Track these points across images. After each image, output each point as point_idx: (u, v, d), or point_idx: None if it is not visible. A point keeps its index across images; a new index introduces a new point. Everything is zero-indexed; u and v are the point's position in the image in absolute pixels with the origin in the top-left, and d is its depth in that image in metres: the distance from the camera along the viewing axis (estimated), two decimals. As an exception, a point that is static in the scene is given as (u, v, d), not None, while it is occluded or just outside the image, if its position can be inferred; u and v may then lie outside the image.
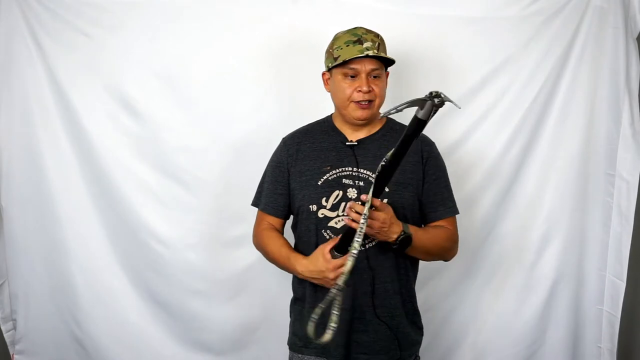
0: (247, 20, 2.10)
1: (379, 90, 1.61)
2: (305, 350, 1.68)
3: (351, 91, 1.60)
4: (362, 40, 1.58)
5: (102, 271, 2.21)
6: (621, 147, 2.09)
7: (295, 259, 1.61)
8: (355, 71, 1.59)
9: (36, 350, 2.29)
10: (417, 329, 1.72)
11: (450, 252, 1.71)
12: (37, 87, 2.13)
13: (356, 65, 1.58)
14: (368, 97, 1.59)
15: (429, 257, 1.69)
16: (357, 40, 1.58)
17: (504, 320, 2.23)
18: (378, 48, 1.59)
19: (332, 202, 1.61)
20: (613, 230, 2.13)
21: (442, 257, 1.71)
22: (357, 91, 1.59)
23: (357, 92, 1.59)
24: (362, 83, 1.58)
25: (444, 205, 1.68)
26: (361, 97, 1.59)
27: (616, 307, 2.14)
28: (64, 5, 2.09)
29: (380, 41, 1.62)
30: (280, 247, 1.68)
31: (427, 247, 1.60)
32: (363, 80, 1.58)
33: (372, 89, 1.59)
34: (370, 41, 1.59)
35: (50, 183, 2.17)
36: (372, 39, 1.60)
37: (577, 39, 2.07)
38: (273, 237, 1.72)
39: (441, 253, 1.69)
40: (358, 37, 1.59)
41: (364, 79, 1.58)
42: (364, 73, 1.58)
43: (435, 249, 1.64)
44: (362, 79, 1.59)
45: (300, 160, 1.68)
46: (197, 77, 2.12)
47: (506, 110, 2.11)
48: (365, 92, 1.58)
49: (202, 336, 2.22)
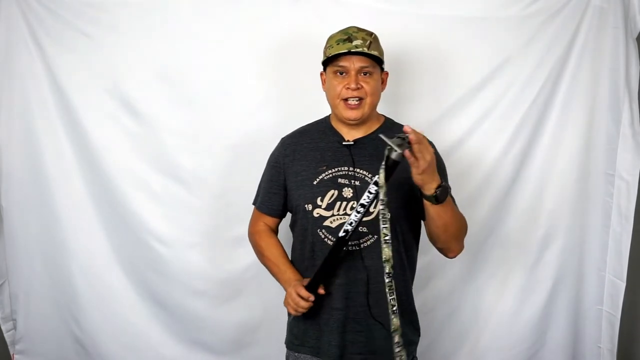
0: (247, 20, 2.10)
1: (369, 88, 1.60)
2: (302, 349, 1.68)
3: (340, 88, 1.60)
4: (351, 39, 1.59)
5: (102, 271, 2.22)
6: (621, 147, 2.09)
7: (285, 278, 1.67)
8: (344, 68, 1.59)
9: (36, 350, 2.29)
10: (414, 329, 1.72)
11: (462, 237, 1.64)
12: (37, 87, 2.13)
13: (345, 63, 1.59)
14: (357, 94, 1.59)
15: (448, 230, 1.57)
16: (347, 39, 1.59)
17: (504, 321, 2.23)
18: (369, 46, 1.59)
19: (327, 201, 1.61)
20: (613, 230, 2.13)
21: (456, 237, 1.62)
22: (345, 88, 1.60)
23: (345, 89, 1.60)
24: (351, 80, 1.59)
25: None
26: (349, 94, 1.59)
27: (616, 307, 2.13)
28: (64, 5, 2.09)
29: (372, 39, 1.61)
30: (277, 255, 1.73)
31: (453, 215, 1.54)
32: (352, 77, 1.59)
33: (361, 87, 1.59)
34: (361, 39, 1.59)
35: (50, 183, 2.17)
36: (362, 37, 1.60)
37: (577, 39, 2.06)
38: (271, 244, 1.75)
39: (457, 232, 1.61)
40: (348, 36, 1.60)
41: (353, 76, 1.59)
42: (353, 70, 1.59)
43: (456, 223, 1.57)
44: (351, 76, 1.59)
45: (297, 160, 1.68)
46: (197, 77, 2.12)
47: (506, 111, 2.10)
48: (353, 89, 1.59)
49: (202, 336, 2.22)
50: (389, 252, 1.38)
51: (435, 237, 1.59)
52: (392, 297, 1.39)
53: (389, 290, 1.40)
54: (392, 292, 1.40)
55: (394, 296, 1.40)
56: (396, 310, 1.40)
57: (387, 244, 1.37)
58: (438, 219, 1.51)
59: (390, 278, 1.39)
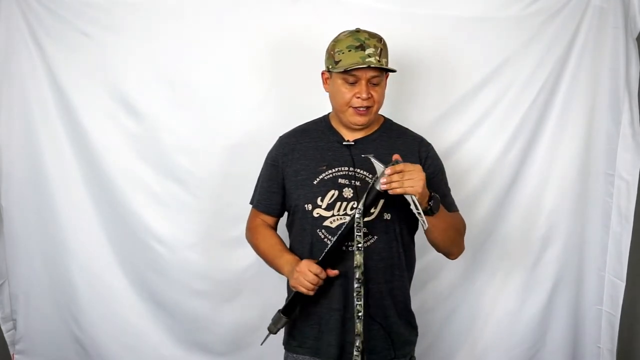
0: (247, 19, 2.09)
1: (377, 96, 1.60)
2: (300, 350, 1.68)
3: (350, 97, 1.59)
4: (364, 47, 1.56)
5: (102, 271, 2.21)
6: (621, 147, 2.09)
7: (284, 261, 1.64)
8: (355, 78, 1.57)
9: (36, 350, 2.29)
10: (412, 328, 1.72)
11: (461, 240, 1.67)
12: (37, 87, 2.13)
13: (357, 73, 1.56)
14: (367, 103, 1.59)
15: (445, 237, 1.61)
16: (360, 46, 1.56)
17: (504, 321, 2.23)
18: (380, 54, 1.57)
19: (327, 201, 1.61)
20: (613, 230, 2.13)
21: (455, 242, 1.66)
22: (356, 97, 1.58)
23: (356, 98, 1.59)
24: (362, 90, 1.57)
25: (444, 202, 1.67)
26: (360, 104, 1.59)
27: (616, 307, 2.14)
28: (64, 5, 2.09)
29: (382, 46, 1.60)
30: (273, 244, 1.70)
31: (446, 221, 1.57)
32: (363, 87, 1.57)
33: (371, 96, 1.58)
34: (373, 47, 1.56)
35: (50, 183, 2.17)
36: (374, 44, 1.57)
37: (577, 39, 2.06)
38: (267, 234, 1.74)
39: (455, 237, 1.65)
40: (361, 43, 1.57)
41: (364, 85, 1.57)
42: (364, 80, 1.57)
43: (450, 230, 1.61)
44: (362, 85, 1.57)
45: (296, 160, 1.68)
46: (197, 77, 2.12)
47: (506, 111, 2.10)
48: (364, 99, 1.58)
49: (202, 336, 2.22)
50: (360, 259, 1.49)
51: (435, 245, 1.64)
52: (359, 303, 1.50)
53: (356, 295, 1.49)
54: (359, 298, 1.50)
55: (362, 302, 1.50)
56: (361, 316, 1.50)
57: (359, 250, 1.49)
58: (434, 229, 1.54)
59: (360, 284, 1.49)
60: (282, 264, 1.64)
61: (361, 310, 1.49)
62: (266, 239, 1.73)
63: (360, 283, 1.48)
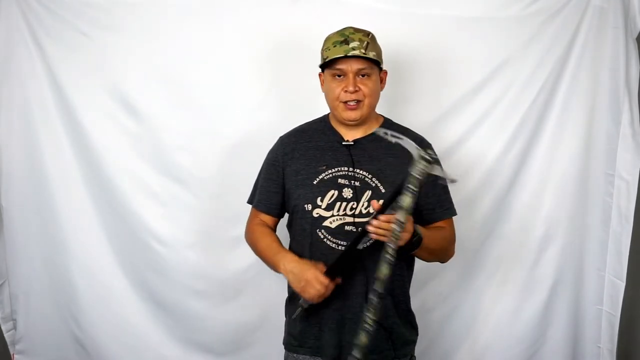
0: (246, 20, 2.10)
1: (367, 90, 1.61)
2: (300, 350, 1.68)
3: (339, 91, 1.61)
4: (348, 41, 1.59)
5: (102, 271, 2.21)
6: (621, 147, 2.09)
7: (283, 256, 1.62)
8: (341, 71, 1.60)
9: (36, 350, 2.29)
10: (412, 328, 1.73)
11: (448, 253, 1.72)
12: (37, 87, 2.13)
13: (342, 66, 1.59)
14: (355, 97, 1.60)
15: (430, 258, 1.69)
16: (344, 41, 1.59)
17: (504, 321, 2.23)
18: (366, 47, 1.59)
19: (327, 201, 1.61)
20: (613, 230, 2.13)
21: (441, 258, 1.73)
22: (344, 91, 1.60)
23: (344, 92, 1.60)
24: (349, 83, 1.59)
25: (441, 206, 1.68)
26: (348, 97, 1.60)
27: (616, 307, 2.14)
28: (64, 5, 2.09)
29: (369, 40, 1.61)
30: (271, 242, 1.70)
31: (430, 247, 1.60)
32: (350, 80, 1.59)
33: (359, 89, 1.59)
34: (358, 41, 1.59)
35: (50, 183, 2.17)
36: (359, 38, 1.60)
37: (577, 39, 2.06)
38: (266, 232, 1.74)
39: (441, 254, 1.70)
40: (345, 37, 1.60)
41: (351, 78, 1.59)
42: (350, 73, 1.59)
43: (437, 250, 1.66)
44: (349, 78, 1.59)
45: (296, 160, 1.68)
46: (197, 76, 2.12)
47: (506, 111, 2.10)
48: (351, 92, 1.59)
49: (202, 336, 2.22)
50: (386, 271, 1.44)
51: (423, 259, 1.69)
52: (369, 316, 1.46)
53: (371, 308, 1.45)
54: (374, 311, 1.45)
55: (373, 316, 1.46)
56: (368, 329, 1.46)
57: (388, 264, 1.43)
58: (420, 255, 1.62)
59: (379, 298, 1.44)
60: (279, 259, 1.63)
61: (372, 325, 1.46)
62: (264, 238, 1.73)
63: (380, 298, 1.44)
